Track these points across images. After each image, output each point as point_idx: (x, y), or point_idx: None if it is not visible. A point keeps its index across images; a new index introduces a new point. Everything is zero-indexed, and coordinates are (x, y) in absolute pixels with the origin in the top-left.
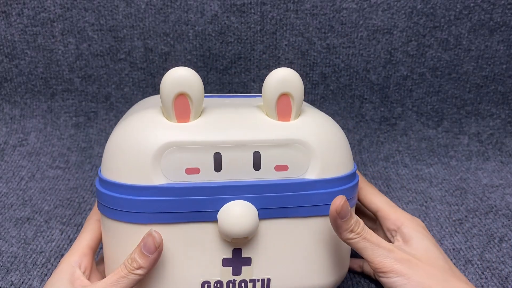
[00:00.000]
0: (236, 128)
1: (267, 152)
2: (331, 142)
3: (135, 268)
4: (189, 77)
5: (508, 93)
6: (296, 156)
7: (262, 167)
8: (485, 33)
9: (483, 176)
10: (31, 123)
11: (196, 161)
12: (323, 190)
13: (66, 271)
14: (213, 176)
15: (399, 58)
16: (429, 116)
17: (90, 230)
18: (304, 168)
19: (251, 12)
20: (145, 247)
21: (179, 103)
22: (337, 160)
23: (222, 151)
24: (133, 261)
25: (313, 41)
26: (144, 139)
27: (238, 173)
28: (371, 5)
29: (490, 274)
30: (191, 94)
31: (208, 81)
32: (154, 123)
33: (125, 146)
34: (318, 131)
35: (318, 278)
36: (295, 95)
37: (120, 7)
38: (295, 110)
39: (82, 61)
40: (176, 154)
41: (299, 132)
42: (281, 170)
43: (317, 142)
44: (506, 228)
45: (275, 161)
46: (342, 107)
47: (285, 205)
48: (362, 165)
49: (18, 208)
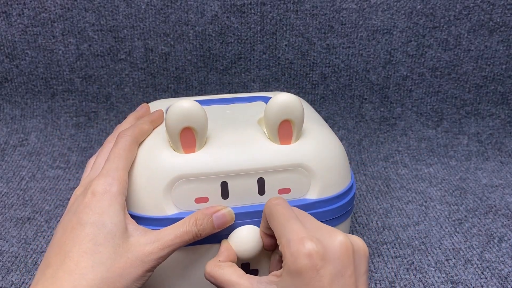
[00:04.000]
0: (241, 156)
1: (271, 177)
2: (330, 162)
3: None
4: (194, 111)
5: (508, 93)
6: (298, 179)
7: (266, 192)
8: (484, 33)
9: (483, 176)
10: (32, 123)
11: (205, 190)
12: (323, 209)
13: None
14: (221, 203)
15: (398, 58)
16: (428, 116)
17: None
18: (305, 189)
19: (251, 12)
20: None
21: (185, 135)
22: (336, 178)
23: (229, 180)
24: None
25: (313, 41)
26: (155, 172)
27: (244, 199)
28: (371, 6)
29: (490, 274)
30: (196, 127)
31: (208, 81)
32: (164, 156)
33: (138, 180)
34: (318, 153)
35: None
36: (296, 120)
37: (121, 7)
38: (295, 134)
39: (82, 61)
40: (185, 185)
41: (300, 155)
42: (284, 193)
43: (317, 164)
44: (506, 228)
45: (278, 185)
46: (342, 107)
47: None
48: (362, 165)
49: (18, 208)
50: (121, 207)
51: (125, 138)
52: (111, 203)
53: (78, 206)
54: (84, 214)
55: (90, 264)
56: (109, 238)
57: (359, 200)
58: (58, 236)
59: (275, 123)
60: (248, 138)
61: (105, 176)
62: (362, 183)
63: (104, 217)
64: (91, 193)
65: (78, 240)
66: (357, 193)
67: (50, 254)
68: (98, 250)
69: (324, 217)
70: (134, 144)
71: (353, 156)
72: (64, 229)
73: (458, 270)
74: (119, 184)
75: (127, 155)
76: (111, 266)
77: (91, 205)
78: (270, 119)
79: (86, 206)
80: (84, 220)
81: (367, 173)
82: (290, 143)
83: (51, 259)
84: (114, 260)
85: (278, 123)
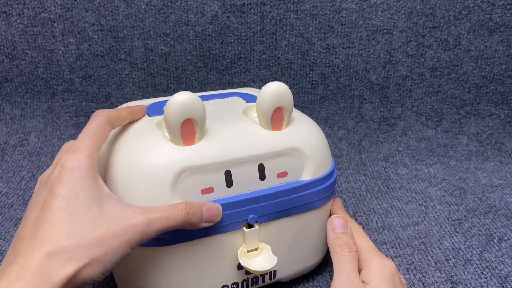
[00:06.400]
0: (240, 145)
1: (270, 162)
2: (318, 144)
3: (193, 222)
4: (194, 102)
5: (508, 93)
6: (293, 162)
7: (266, 177)
8: (484, 33)
9: (483, 176)
10: (32, 123)
11: (210, 181)
12: (316, 188)
13: (90, 176)
14: (226, 192)
15: (398, 58)
16: (428, 116)
17: (103, 134)
18: (300, 171)
19: (251, 12)
20: (207, 218)
21: (186, 127)
22: (324, 160)
23: (232, 168)
24: (195, 216)
25: (313, 41)
26: (160, 167)
27: (247, 186)
28: (371, 6)
29: (490, 273)
30: (197, 119)
31: (208, 81)
32: (166, 150)
33: (143, 176)
34: (308, 137)
35: (311, 260)
36: (287, 107)
37: (121, 7)
38: (286, 120)
39: (82, 61)
40: (191, 177)
41: (293, 140)
42: (282, 176)
43: (309, 147)
44: (506, 228)
45: (277, 169)
46: (341, 107)
47: (288, 207)
48: (361, 165)
49: (18, 208)
50: (94, 181)
51: (99, 118)
52: (83, 177)
53: (48, 180)
54: (55, 187)
55: (65, 232)
56: (85, 209)
57: (359, 200)
58: (29, 212)
59: (269, 110)
60: (242, 128)
61: (75, 152)
62: (362, 183)
63: (77, 190)
64: (60, 166)
65: (51, 211)
66: (357, 193)
67: (23, 230)
68: (73, 219)
69: (318, 196)
70: (107, 125)
71: (353, 156)
72: (35, 204)
73: (458, 270)
74: (89, 160)
75: (99, 135)
76: (88, 234)
77: (62, 178)
78: (264, 106)
79: (56, 179)
80: (56, 192)
81: (367, 173)
82: (281, 129)
83: (24, 233)
84: (92, 230)
85: (272, 110)
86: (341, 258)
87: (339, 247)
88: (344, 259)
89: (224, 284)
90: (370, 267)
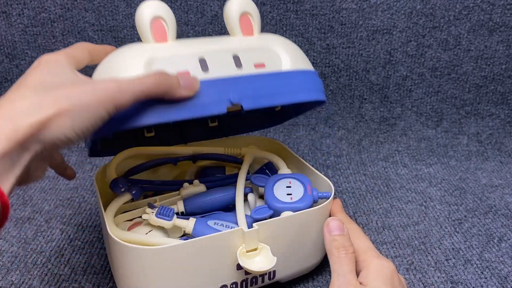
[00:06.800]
0: (214, 43)
1: (245, 54)
2: (291, 44)
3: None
4: (161, 5)
5: (508, 93)
6: (270, 56)
7: (243, 65)
8: (484, 33)
9: (483, 176)
10: None
11: (184, 66)
12: (299, 77)
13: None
14: (202, 75)
15: (398, 58)
16: (428, 116)
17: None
18: (278, 63)
19: None
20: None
21: (155, 26)
22: (301, 58)
23: (206, 56)
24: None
25: (313, 41)
26: (130, 62)
27: (223, 71)
28: (371, 6)
29: (490, 273)
30: (165, 18)
31: None
32: (136, 46)
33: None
34: (281, 41)
35: (310, 260)
36: (253, 14)
37: (120, 7)
38: (256, 26)
39: None
40: (165, 66)
41: (267, 41)
42: (260, 67)
43: (283, 45)
44: (505, 228)
45: (253, 60)
46: (341, 107)
47: (271, 92)
48: (361, 165)
49: (18, 207)
50: (70, 69)
51: (81, 43)
52: (57, 63)
53: (24, 75)
54: (29, 75)
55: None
56: (60, 84)
57: (359, 200)
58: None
59: (236, 16)
60: (218, 38)
61: (52, 53)
62: (362, 183)
63: (52, 75)
64: (37, 61)
65: (23, 88)
66: (357, 193)
67: None
68: (48, 89)
69: (300, 84)
70: (87, 51)
71: (353, 156)
72: (7, 92)
73: (458, 270)
74: (66, 57)
75: (79, 51)
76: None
77: (38, 68)
78: (231, 12)
79: (31, 70)
80: (30, 78)
81: (367, 173)
82: (253, 34)
83: None
84: (62, 87)
85: (238, 16)
86: (338, 260)
87: (335, 249)
88: (341, 261)
89: (223, 284)
90: (368, 268)
